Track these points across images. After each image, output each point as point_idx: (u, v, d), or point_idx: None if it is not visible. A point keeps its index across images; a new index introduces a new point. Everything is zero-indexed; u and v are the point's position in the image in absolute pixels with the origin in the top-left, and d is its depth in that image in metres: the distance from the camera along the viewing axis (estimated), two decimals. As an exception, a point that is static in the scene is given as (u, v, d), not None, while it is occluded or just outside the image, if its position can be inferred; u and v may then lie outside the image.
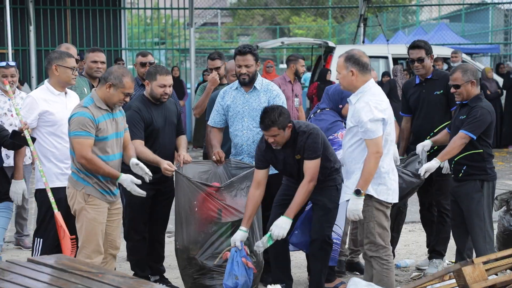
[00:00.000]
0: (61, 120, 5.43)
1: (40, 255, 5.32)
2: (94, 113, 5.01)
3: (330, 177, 5.48)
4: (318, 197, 5.46)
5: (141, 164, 5.23)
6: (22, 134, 5.31)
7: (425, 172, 5.61)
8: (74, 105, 5.40)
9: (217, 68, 6.94)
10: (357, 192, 4.91)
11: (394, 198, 5.11)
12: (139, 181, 5.12)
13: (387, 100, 5.11)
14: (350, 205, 4.95)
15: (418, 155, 5.91)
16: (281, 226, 5.24)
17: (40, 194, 5.50)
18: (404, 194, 5.72)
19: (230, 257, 5.33)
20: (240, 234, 5.35)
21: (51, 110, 5.42)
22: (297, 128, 5.39)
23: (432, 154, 5.94)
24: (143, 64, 6.83)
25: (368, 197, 5.00)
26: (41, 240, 5.51)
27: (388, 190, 5.05)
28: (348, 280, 5.31)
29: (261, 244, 5.30)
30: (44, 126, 5.43)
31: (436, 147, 6.04)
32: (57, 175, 5.43)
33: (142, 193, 5.13)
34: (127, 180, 5.08)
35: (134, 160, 5.24)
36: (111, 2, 15.60)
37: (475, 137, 5.56)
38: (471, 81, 5.64)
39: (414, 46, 6.33)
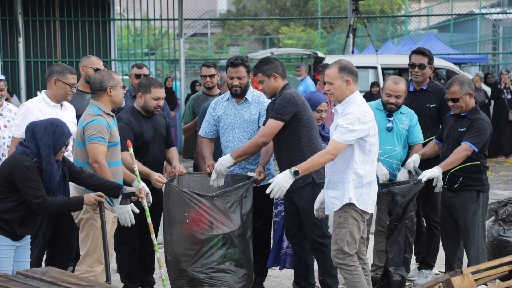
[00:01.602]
0: None
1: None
2: (107, 120, 5.15)
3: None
4: (296, 199, 5.52)
5: (149, 194, 5.39)
6: (132, 198, 5.05)
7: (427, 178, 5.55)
8: (69, 118, 5.43)
9: (212, 76, 6.96)
10: (296, 173, 4.94)
11: (372, 208, 5.16)
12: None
13: (372, 113, 5.13)
14: (280, 179, 4.95)
15: (411, 171, 5.90)
16: (222, 162, 5.48)
17: None
18: (405, 204, 5.74)
19: None
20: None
21: None
22: (284, 88, 5.54)
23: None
24: (137, 76, 6.86)
25: (348, 205, 5.02)
26: None
27: (368, 200, 5.08)
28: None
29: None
30: None
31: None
32: None
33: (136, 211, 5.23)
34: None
35: (138, 184, 5.37)
36: (100, 13, 15.57)
37: (477, 150, 5.58)
38: (469, 93, 5.65)
39: (418, 51, 6.30)
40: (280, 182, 4.94)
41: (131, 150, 5.30)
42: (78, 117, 5.48)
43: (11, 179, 4.55)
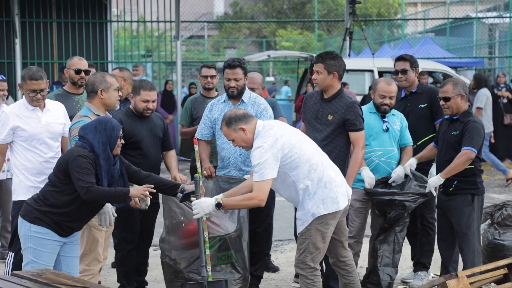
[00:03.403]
0: (33, 136, 5.37)
1: (12, 270, 5.22)
2: None
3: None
4: None
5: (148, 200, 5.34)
6: (192, 196, 5.05)
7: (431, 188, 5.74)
8: (53, 119, 5.39)
9: (212, 77, 6.93)
10: (218, 205, 4.73)
11: (344, 201, 4.90)
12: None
13: (274, 133, 4.78)
14: (203, 203, 4.74)
15: (408, 175, 5.95)
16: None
17: (15, 207, 5.42)
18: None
19: None
20: None
21: (22, 125, 5.35)
22: (341, 91, 5.62)
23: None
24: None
25: (311, 216, 4.85)
26: (13, 254, 5.41)
27: (335, 198, 4.84)
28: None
29: None
30: (18, 141, 5.39)
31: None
32: (28, 188, 5.32)
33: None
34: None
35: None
36: (97, 14, 15.58)
37: (477, 152, 5.60)
38: (461, 94, 5.69)
39: (399, 58, 6.42)
40: (202, 205, 4.76)
41: (196, 147, 5.38)
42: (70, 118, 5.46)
43: (67, 169, 4.60)
